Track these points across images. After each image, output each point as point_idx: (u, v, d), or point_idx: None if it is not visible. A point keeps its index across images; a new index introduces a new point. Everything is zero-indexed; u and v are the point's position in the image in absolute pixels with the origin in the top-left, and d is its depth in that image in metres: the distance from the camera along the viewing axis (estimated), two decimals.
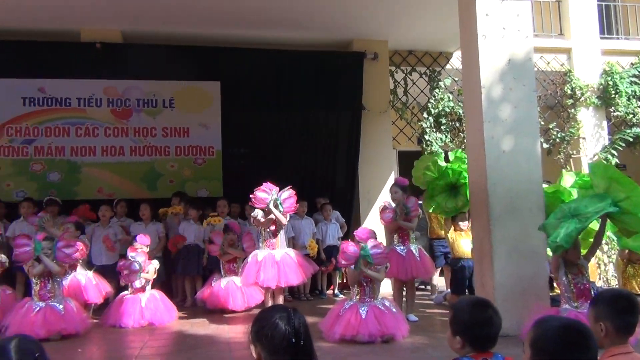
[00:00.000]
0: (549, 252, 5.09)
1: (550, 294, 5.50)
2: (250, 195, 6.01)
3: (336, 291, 7.97)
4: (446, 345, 2.27)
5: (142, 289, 6.10)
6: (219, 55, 8.30)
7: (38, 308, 5.19)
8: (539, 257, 5.21)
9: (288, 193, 6.02)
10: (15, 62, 7.70)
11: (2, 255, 6.13)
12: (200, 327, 5.85)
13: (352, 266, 5.10)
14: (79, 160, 7.83)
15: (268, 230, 5.98)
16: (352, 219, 8.39)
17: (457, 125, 9.15)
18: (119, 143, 7.95)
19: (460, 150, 7.28)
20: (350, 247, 5.16)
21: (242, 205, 7.57)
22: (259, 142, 8.33)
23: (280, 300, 5.87)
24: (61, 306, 5.28)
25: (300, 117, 8.48)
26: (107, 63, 7.87)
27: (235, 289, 6.51)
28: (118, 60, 7.94)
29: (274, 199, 5.93)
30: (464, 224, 6.75)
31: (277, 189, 6.05)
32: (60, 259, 5.38)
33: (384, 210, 6.03)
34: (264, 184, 6.06)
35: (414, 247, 6.04)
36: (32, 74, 7.74)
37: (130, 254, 6.07)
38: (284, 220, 6.02)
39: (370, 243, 5.12)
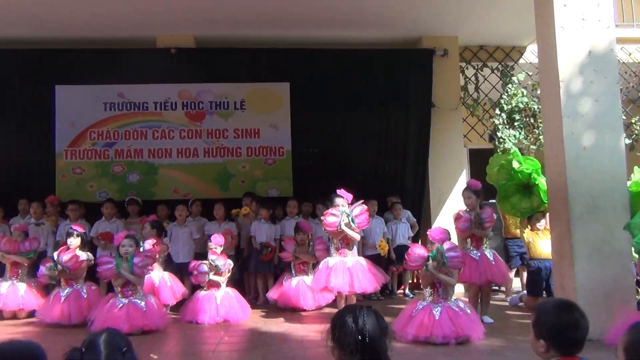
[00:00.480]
0: (635, 254, 4.85)
1: (638, 297, 5.23)
2: (322, 217, 6.10)
3: (407, 291, 7.89)
4: (525, 349, 2.21)
5: (217, 285, 6.26)
6: (288, 57, 8.40)
7: (121, 304, 5.45)
8: (624, 258, 4.96)
9: (360, 209, 6.04)
10: (97, 69, 8.10)
11: (88, 253, 6.47)
12: (274, 324, 5.95)
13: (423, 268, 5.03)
14: (156, 162, 8.14)
15: (340, 239, 6.04)
16: (422, 218, 8.28)
17: (532, 121, 8.85)
18: (193, 145, 8.21)
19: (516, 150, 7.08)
20: (416, 249, 5.10)
21: (314, 204, 7.66)
22: (328, 142, 8.38)
23: (352, 299, 5.89)
24: (142, 303, 5.51)
25: (369, 116, 8.45)
26: (182, 67, 8.15)
27: (306, 289, 6.57)
28: (192, 64, 8.22)
29: (345, 218, 5.94)
30: (541, 224, 6.52)
31: (350, 197, 6.08)
32: (137, 275, 5.62)
33: (458, 218, 5.92)
34: (338, 190, 6.10)
35: (488, 252, 5.88)
36: (113, 80, 8.12)
37: (210, 257, 6.23)
38: (357, 237, 6.11)
39: (446, 245, 5.03)
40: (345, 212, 5.97)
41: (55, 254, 6.21)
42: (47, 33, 7.95)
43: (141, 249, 6.00)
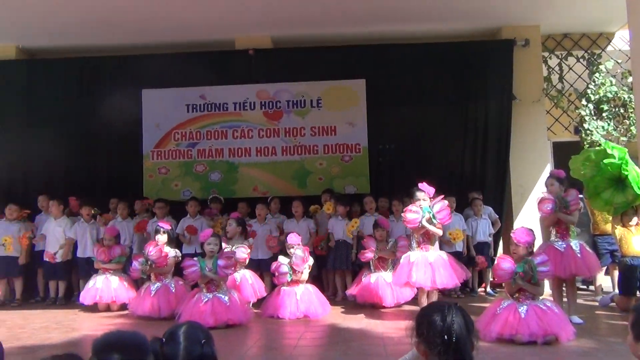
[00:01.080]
0: None
1: None
2: (402, 215, 6.05)
3: (488, 289, 7.69)
4: (620, 351, 2.10)
5: (297, 282, 6.36)
6: (363, 53, 8.40)
7: (206, 299, 5.65)
8: None
9: (440, 205, 5.91)
10: (179, 72, 8.44)
11: (176, 250, 6.76)
12: (353, 321, 5.97)
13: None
14: (236, 161, 8.37)
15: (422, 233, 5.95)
16: (504, 215, 8.03)
17: (622, 111, 8.37)
18: (271, 143, 8.37)
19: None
20: (503, 264, 4.95)
21: (390, 200, 7.62)
22: (404, 138, 8.31)
23: (434, 298, 5.80)
24: (226, 298, 5.69)
25: (447, 110, 8.30)
26: (259, 68, 8.35)
27: (385, 285, 6.54)
28: (269, 64, 8.39)
29: (426, 214, 5.86)
30: (634, 220, 6.17)
31: (432, 191, 5.98)
32: (221, 276, 5.81)
33: (542, 201, 5.68)
34: (420, 184, 6.01)
35: (574, 243, 5.61)
36: (194, 82, 8.43)
37: (295, 251, 6.35)
38: (440, 233, 6.00)
39: (538, 259, 4.88)
40: (426, 209, 5.87)
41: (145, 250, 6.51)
42: (134, 40, 8.36)
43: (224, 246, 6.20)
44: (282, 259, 6.39)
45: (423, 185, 5.99)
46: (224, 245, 6.30)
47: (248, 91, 8.41)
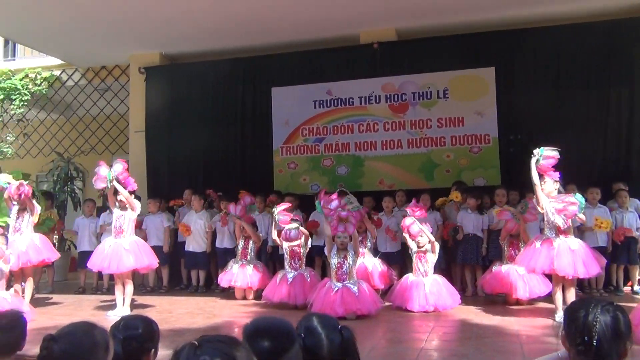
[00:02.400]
0: None
1: None
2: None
3: (635, 287, 7.08)
4: None
5: (425, 273, 6.29)
6: (492, 40, 8.11)
7: (337, 288, 5.77)
8: None
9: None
10: (306, 69, 8.71)
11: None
12: (485, 316, 5.79)
13: None
14: (362, 155, 8.45)
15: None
16: None
17: None
18: (397, 136, 8.34)
19: None
20: None
21: (522, 192, 7.25)
22: (538, 126, 7.84)
23: (572, 293, 5.44)
24: (355, 288, 5.77)
25: (586, 95, 7.73)
26: (384, 61, 8.36)
27: (517, 277, 6.24)
28: (394, 57, 8.37)
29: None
30: None
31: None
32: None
33: None
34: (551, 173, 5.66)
35: None
36: (321, 78, 8.64)
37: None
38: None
39: None
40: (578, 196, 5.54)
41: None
42: (263, 41, 8.75)
43: None
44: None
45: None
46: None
47: (373, 85, 8.44)
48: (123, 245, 6.19)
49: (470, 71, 8.13)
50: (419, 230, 6.38)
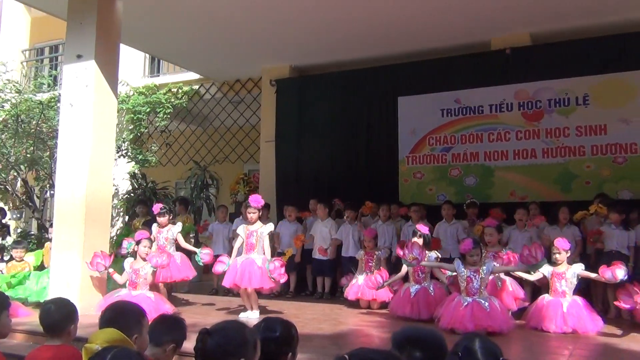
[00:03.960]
0: None
1: None
2: None
3: None
4: None
5: (563, 293, 5.89)
6: (638, 41, 7.44)
7: (466, 303, 5.56)
8: None
9: None
10: (434, 78, 8.58)
11: (436, 252, 6.80)
12: (632, 341, 5.28)
13: None
14: (492, 165, 8.14)
15: None
16: None
17: None
18: (530, 145, 7.94)
19: None
20: None
21: None
22: None
23: None
24: (486, 304, 5.51)
25: None
26: (517, 67, 8.00)
27: None
28: (528, 62, 8.00)
29: None
30: None
31: None
32: None
33: None
34: None
35: None
36: (449, 86, 8.45)
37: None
38: None
39: None
40: None
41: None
42: (390, 50, 8.77)
43: None
44: None
45: None
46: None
47: (505, 92, 8.11)
48: (256, 262, 6.31)
49: (614, 75, 7.53)
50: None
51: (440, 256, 6.71)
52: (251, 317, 6.23)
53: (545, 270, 5.91)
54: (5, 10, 12.65)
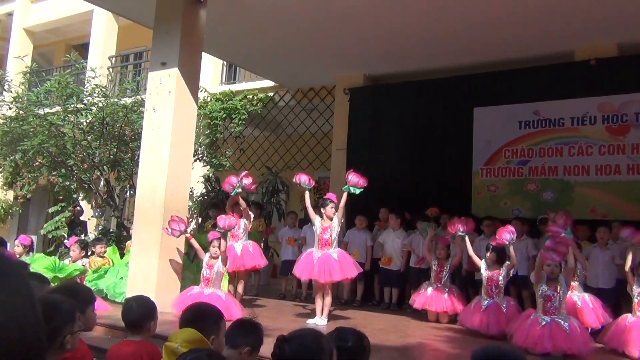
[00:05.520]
0: None
1: None
2: None
3: None
4: None
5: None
6: None
7: (544, 322, 5.35)
8: None
9: None
10: (512, 89, 8.32)
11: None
12: None
13: None
14: (572, 180, 7.81)
15: None
16: None
17: None
18: (614, 161, 7.57)
19: None
20: None
21: None
22: None
23: None
24: (566, 324, 5.29)
25: None
26: (602, 79, 7.65)
27: None
28: (614, 74, 7.62)
29: None
30: None
31: None
32: None
33: None
34: None
35: None
36: (528, 98, 8.19)
37: None
38: None
39: None
40: None
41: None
42: (466, 60, 8.62)
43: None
44: None
45: None
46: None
47: (588, 104, 7.78)
48: (332, 255, 6.42)
49: None
50: None
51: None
52: (319, 323, 6.27)
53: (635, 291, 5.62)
54: (95, 19, 13.37)
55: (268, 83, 11.16)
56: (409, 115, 9.25)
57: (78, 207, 10.99)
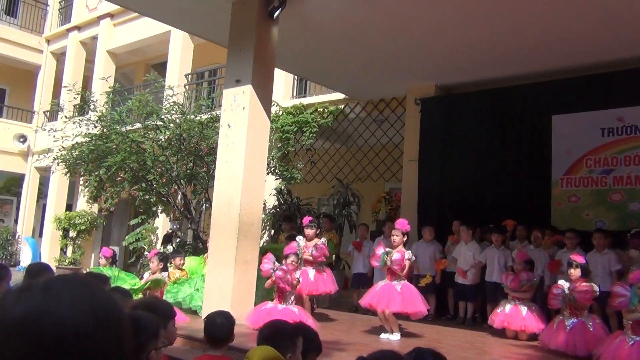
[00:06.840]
0: None
1: None
2: None
3: None
4: None
5: None
6: None
7: (632, 342, 5.05)
8: None
9: None
10: (595, 94, 7.95)
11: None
12: None
13: None
14: None
15: None
16: None
17: None
18: None
19: None
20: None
21: None
22: None
23: None
24: None
25: None
26: None
27: None
28: None
29: None
30: None
31: None
32: None
33: None
34: None
35: None
36: (611, 104, 7.80)
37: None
38: None
39: None
40: None
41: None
42: (542, 67, 8.32)
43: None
44: None
45: None
46: None
47: None
48: (396, 287, 6.32)
49: None
50: None
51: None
52: (392, 339, 6.20)
53: None
54: (173, 39, 13.94)
55: (338, 95, 11.22)
56: (483, 125, 9.01)
57: (176, 226, 11.76)
